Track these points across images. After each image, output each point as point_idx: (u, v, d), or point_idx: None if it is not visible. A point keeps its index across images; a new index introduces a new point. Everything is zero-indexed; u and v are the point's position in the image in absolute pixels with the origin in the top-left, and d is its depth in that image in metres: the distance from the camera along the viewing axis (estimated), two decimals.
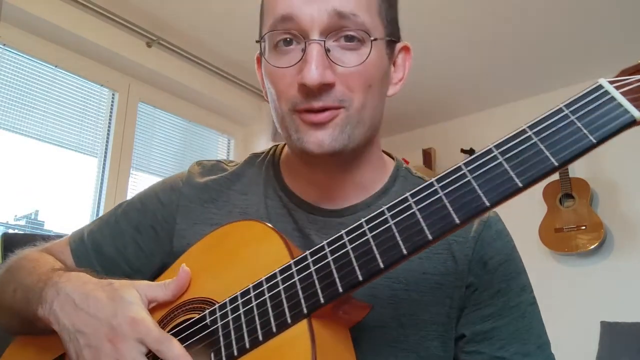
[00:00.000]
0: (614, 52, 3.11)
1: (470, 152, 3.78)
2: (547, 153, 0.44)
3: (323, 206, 0.76)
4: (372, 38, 0.67)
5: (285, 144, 0.85)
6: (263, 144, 3.37)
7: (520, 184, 0.45)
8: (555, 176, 3.19)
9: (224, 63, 3.17)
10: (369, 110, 0.69)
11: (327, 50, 0.65)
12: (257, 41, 0.73)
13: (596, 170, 3.25)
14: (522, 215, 2.61)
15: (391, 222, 0.53)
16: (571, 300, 3.10)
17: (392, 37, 0.73)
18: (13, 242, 1.33)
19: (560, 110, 0.45)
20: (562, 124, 0.45)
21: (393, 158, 0.84)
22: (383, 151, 0.83)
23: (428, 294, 0.70)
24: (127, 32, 2.74)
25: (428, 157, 3.88)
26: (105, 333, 0.59)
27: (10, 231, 2.38)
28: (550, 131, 0.45)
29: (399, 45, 0.76)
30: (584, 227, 3.11)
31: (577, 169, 3.27)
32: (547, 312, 0.75)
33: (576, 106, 0.45)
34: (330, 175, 0.75)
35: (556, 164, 0.44)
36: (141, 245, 0.81)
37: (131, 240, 0.81)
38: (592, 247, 3.07)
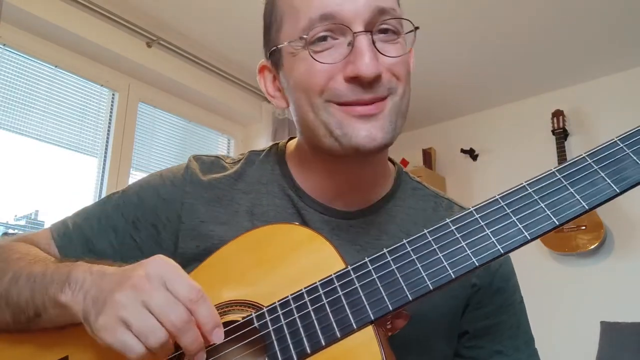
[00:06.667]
0: (612, 52, 3.12)
1: (470, 152, 3.78)
2: (577, 196, 0.49)
3: (336, 207, 0.76)
4: (415, 27, 0.69)
5: (287, 141, 0.83)
6: (263, 144, 3.36)
7: (557, 222, 0.50)
8: None
9: (224, 63, 3.17)
10: (407, 100, 0.70)
11: (373, 42, 0.65)
12: (288, 42, 0.69)
13: None
14: None
15: (429, 247, 0.57)
16: (571, 300, 3.11)
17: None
18: None
19: (584, 159, 0.51)
20: (587, 171, 0.50)
21: (392, 161, 0.84)
22: None
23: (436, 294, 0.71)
24: (127, 32, 2.73)
25: (428, 157, 3.89)
26: (129, 282, 0.55)
27: (10, 231, 2.37)
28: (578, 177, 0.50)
29: None
30: (584, 227, 3.12)
31: None
32: (547, 312, 0.75)
33: (598, 158, 0.50)
34: (352, 170, 0.74)
35: (587, 207, 0.49)
36: (138, 243, 0.77)
37: (127, 237, 0.77)
38: (592, 247, 3.08)
